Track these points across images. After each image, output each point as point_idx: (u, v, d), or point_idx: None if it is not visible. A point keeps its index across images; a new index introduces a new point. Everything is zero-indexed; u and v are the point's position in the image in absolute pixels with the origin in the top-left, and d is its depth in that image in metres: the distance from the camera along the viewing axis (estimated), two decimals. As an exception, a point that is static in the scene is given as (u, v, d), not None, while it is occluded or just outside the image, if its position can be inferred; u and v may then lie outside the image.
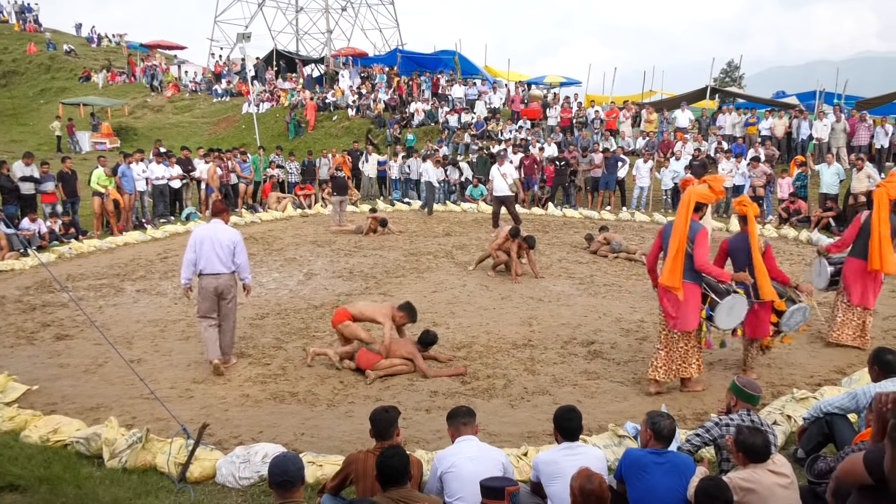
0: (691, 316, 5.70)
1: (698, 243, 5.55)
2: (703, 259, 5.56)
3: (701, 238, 5.57)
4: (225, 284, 6.56)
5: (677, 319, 5.70)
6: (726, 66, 43.97)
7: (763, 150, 16.28)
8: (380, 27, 49.76)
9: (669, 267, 5.58)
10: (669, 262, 5.59)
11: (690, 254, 5.57)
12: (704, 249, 5.57)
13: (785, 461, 3.59)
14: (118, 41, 45.26)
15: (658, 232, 6.08)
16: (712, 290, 5.77)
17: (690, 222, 5.59)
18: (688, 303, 5.64)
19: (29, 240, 11.64)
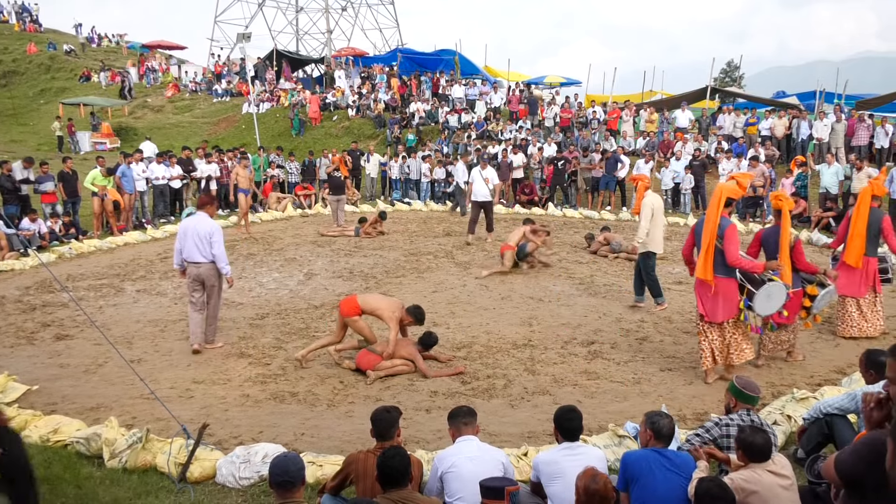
0: (722, 309, 5.93)
1: (728, 239, 5.76)
2: (734, 254, 5.78)
3: (730, 234, 5.78)
4: (206, 273, 7.10)
5: (707, 311, 5.97)
6: (726, 66, 43.97)
7: (763, 150, 16.28)
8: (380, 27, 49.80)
9: (702, 261, 5.89)
10: (702, 257, 5.90)
11: (721, 249, 5.79)
12: (735, 245, 5.79)
13: (785, 461, 3.59)
14: (118, 41, 45.26)
15: (692, 228, 6.40)
16: (748, 281, 5.98)
17: (721, 218, 5.84)
18: (722, 296, 5.90)
19: (29, 240, 11.64)
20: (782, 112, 19.00)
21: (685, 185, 15.98)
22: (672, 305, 8.66)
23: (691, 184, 15.88)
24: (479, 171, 12.68)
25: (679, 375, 6.42)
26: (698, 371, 6.49)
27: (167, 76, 36.75)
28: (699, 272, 5.92)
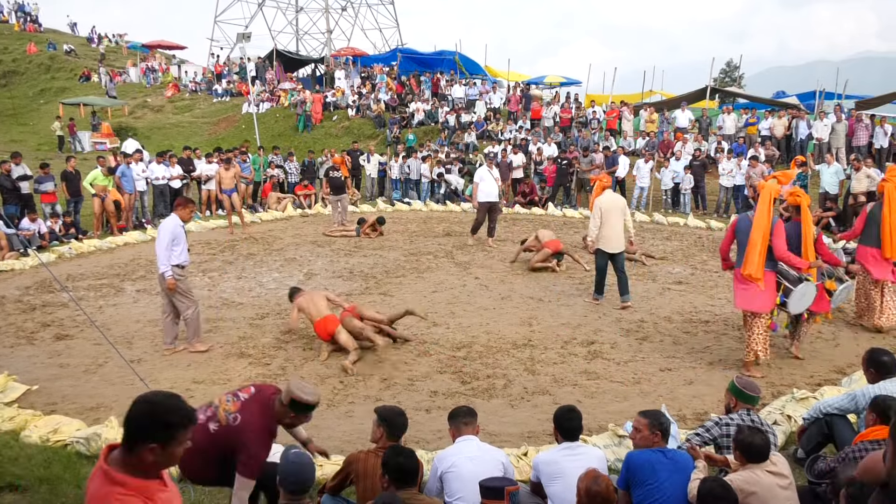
0: (760, 299, 6.14)
1: (777, 235, 6.06)
2: (783, 249, 6.06)
3: (779, 230, 6.07)
4: (159, 276, 7.05)
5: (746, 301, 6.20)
6: (726, 66, 43.96)
7: (763, 150, 16.29)
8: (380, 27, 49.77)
9: (754, 260, 6.06)
10: (753, 255, 6.05)
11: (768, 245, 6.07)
12: (783, 240, 6.06)
13: (784, 461, 3.59)
14: (118, 41, 45.26)
15: (731, 224, 6.58)
16: (784, 279, 6.22)
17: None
18: (764, 288, 6.10)
19: (29, 240, 11.64)
20: (782, 112, 19.01)
21: (685, 185, 15.99)
22: (672, 305, 8.67)
23: (691, 184, 15.89)
24: (487, 171, 12.23)
25: (679, 375, 6.42)
26: (698, 371, 6.50)
27: (167, 76, 36.74)
28: (751, 269, 6.07)
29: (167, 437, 2.11)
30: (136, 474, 2.11)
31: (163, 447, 2.11)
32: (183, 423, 2.15)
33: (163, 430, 2.10)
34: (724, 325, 7.89)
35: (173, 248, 6.90)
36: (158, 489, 2.16)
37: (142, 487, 2.10)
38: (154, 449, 2.10)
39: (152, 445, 2.09)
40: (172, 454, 2.15)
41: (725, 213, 15.38)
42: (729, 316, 8.18)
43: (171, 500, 2.23)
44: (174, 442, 2.13)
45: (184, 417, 2.16)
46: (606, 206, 8.55)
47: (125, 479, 2.08)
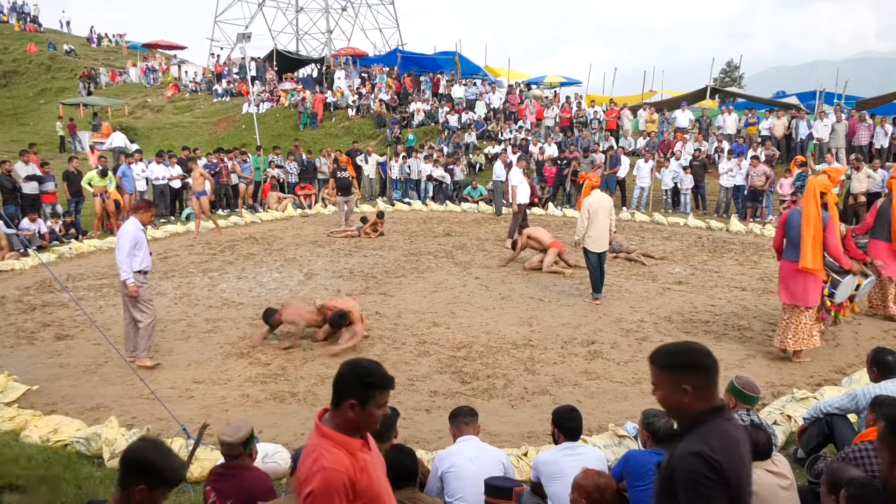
0: (810, 293, 6.33)
1: (830, 231, 6.24)
2: (836, 245, 6.28)
3: (832, 227, 6.25)
4: (118, 281, 6.85)
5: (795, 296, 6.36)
6: (726, 66, 43.95)
7: (763, 150, 16.28)
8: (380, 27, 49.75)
9: (811, 253, 6.19)
10: (809, 249, 6.19)
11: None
12: (836, 236, 6.28)
13: (785, 461, 3.59)
14: (118, 41, 45.25)
15: (781, 219, 6.71)
16: (831, 270, 6.48)
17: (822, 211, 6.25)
18: (813, 283, 6.31)
19: (29, 240, 11.64)
20: (781, 112, 19.00)
21: (685, 185, 15.98)
22: (672, 305, 8.67)
23: (691, 184, 15.89)
24: (519, 172, 12.50)
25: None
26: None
27: (167, 76, 36.73)
28: (811, 263, 6.19)
29: (365, 395, 2.31)
30: (341, 431, 2.33)
31: (361, 405, 2.31)
32: (379, 385, 2.35)
33: (362, 389, 2.31)
34: (725, 325, 7.89)
35: (135, 254, 6.63)
36: (361, 448, 2.37)
37: (345, 442, 2.32)
38: (354, 405, 2.31)
39: (352, 402, 2.30)
40: (371, 415, 2.33)
41: (725, 214, 15.37)
42: (729, 316, 8.19)
43: (373, 462, 2.41)
44: (371, 402, 2.32)
45: (381, 379, 2.36)
46: (595, 205, 8.65)
47: (332, 434, 2.33)
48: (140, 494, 2.39)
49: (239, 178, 16.74)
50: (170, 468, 2.44)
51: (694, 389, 2.19)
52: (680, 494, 2.13)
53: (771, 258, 11.27)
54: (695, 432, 2.17)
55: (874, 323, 7.82)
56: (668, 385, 2.24)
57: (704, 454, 2.09)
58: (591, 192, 8.96)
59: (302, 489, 2.28)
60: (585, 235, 8.67)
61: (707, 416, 2.20)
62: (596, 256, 8.72)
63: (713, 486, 2.08)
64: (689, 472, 2.11)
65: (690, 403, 2.20)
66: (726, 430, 2.20)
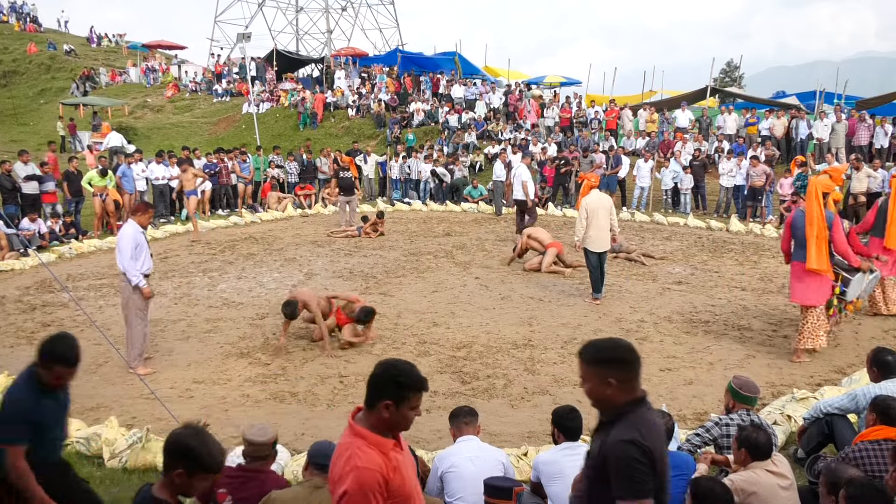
0: (816, 293, 6.37)
1: (836, 230, 6.28)
2: (843, 243, 6.33)
3: (837, 225, 6.30)
4: (119, 285, 6.77)
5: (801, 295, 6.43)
6: (726, 66, 43.96)
7: (763, 150, 16.28)
8: (380, 27, 49.73)
9: (815, 253, 6.25)
10: (814, 249, 6.24)
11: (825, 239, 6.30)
12: (842, 234, 6.34)
13: (785, 461, 3.59)
14: (118, 41, 45.24)
15: (787, 221, 6.77)
16: (840, 269, 6.53)
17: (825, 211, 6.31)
18: (819, 282, 6.35)
19: (29, 240, 11.64)
20: (781, 112, 19.00)
21: (685, 185, 15.98)
22: (672, 305, 8.67)
23: (691, 184, 15.88)
24: (526, 169, 12.89)
25: (679, 375, 6.42)
26: (698, 371, 6.50)
27: (167, 76, 36.72)
28: (818, 263, 6.24)
29: (399, 396, 2.35)
30: (375, 430, 2.36)
31: (396, 406, 2.34)
32: (413, 387, 2.38)
33: (396, 389, 2.35)
34: (724, 325, 7.89)
35: (137, 257, 6.49)
36: (393, 448, 2.39)
37: (379, 442, 2.35)
38: (389, 406, 2.34)
39: (387, 402, 2.34)
40: (404, 416, 2.37)
41: (725, 214, 15.37)
42: (729, 316, 8.19)
43: (405, 462, 2.43)
44: (405, 402, 2.36)
45: (415, 381, 2.40)
46: (593, 206, 8.65)
47: (365, 433, 2.36)
48: (179, 478, 2.46)
49: (238, 178, 16.75)
50: (208, 455, 2.49)
51: (618, 382, 2.35)
52: (613, 479, 2.27)
53: (771, 258, 11.28)
54: (622, 422, 2.33)
55: (874, 323, 7.83)
56: (595, 379, 2.42)
57: (636, 441, 2.25)
58: (589, 193, 8.97)
59: (335, 489, 2.31)
60: (585, 236, 8.66)
61: (632, 407, 2.36)
62: (596, 256, 8.72)
63: (644, 470, 2.24)
64: (622, 458, 2.25)
65: (614, 395, 2.36)
66: (650, 419, 2.38)
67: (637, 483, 2.24)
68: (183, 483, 2.48)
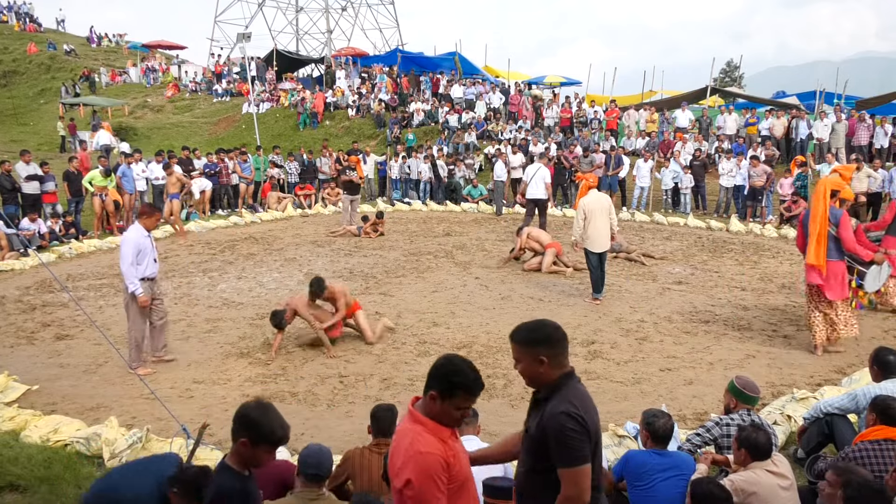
0: (838, 288, 6.54)
1: (843, 227, 6.40)
2: (851, 240, 6.46)
3: (845, 222, 6.43)
4: (121, 286, 6.72)
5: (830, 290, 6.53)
6: (726, 66, 43.98)
7: (763, 150, 16.28)
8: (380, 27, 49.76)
9: (814, 249, 6.44)
10: (814, 245, 6.44)
11: (834, 236, 6.44)
12: (850, 232, 6.48)
13: (785, 461, 3.59)
14: (118, 41, 45.25)
15: (799, 220, 6.99)
16: (856, 262, 6.72)
17: (830, 208, 6.43)
18: (832, 277, 6.51)
19: (29, 240, 11.64)
20: (780, 112, 19.00)
21: (685, 185, 15.98)
22: (672, 305, 8.67)
23: (691, 183, 15.88)
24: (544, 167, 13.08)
25: (679, 375, 6.42)
26: (698, 371, 6.50)
27: (167, 76, 36.73)
28: (812, 258, 6.46)
29: (447, 392, 2.38)
30: (431, 418, 2.41)
31: (441, 399, 2.38)
32: (464, 387, 2.39)
33: (446, 384, 2.38)
34: (724, 325, 7.89)
35: (139, 262, 6.42)
36: (451, 436, 2.44)
37: (437, 429, 2.40)
38: (434, 397, 2.39)
39: (433, 393, 2.39)
40: (448, 412, 2.40)
41: (725, 214, 15.37)
42: (729, 316, 8.19)
43: (461, 453, 2.51)
44: (451, 400, 2.38)
45: (468, 383, 2.40)
46: (591, 206, 8.64)
47: (424, 420, 2.41)
48: (243, 447, 2.62)
49: (239, 178, 16.75)
50: (268, 426, 2.63)
51: (549, 359, 2.52)
52: (553, 450, 2.44)
53: (771, 258, 11.29)
54: (556, 396, 2.50)
55: (874, 323, 7.82)
56: (528, 358, 2.54)
57: (572, 413, 2.44)
58: (587, 193, 8.96)
59: (398, 476, 2.34)
60: (584, 236, 8.66)
61: (563, 381, 2.55)
62: (597, 256, 8.72)
63: (581, 438, 2.43)
64: (560, 429, 2.42)
65: (547, 372, 2.53)
66: (581, 391, 2.57)
67: (576, 451, 2.42)
68: (248, 452, 2.61)
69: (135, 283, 6.39)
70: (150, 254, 6.56)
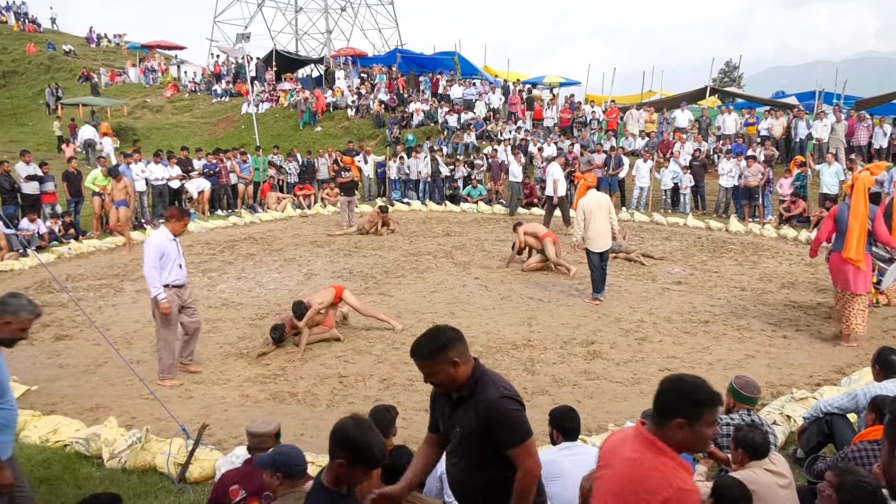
0: (864, 281, 6.87)
1: (878, 222, 6.82)
2: (886, 234, 6.87)
3: (879, 218, 6.82)
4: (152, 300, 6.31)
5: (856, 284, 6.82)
6: (725, 66, 43.98)
7: (762, 150, 16.28)
8: (379, 27, 49.74)
9: (855, 245, 6.73)
10: (854, 241, 6.73)
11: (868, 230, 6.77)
12: (883, 225, 6.86)
13: (783, 460, 3.60)
14: (118, 41, 45.22)
15: (830, 214, 7.16)
16: (877, 259, 7.19)
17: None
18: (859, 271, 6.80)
19: (28, 240, 11.64)
20: (780, 112, 18.99)
21: (684, 185, 15.97)
22: (671, 305, 8.67)
23: (691, 183, 15.88)
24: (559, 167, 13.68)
25: (678, 375, 6.41)
26: (697, 371, 6.50)
27: (166, 76, 36.72)
28: (853, 254, 6.73)
29: (693, 414, 2.17)
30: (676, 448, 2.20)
31: (690, 424, 2.16)
32: (708, 402, 2.18)
33: (689, 407, 2.17)
34: (724, 325, 7.89)
35: (162, 266, 6.17)
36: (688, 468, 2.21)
37: (683, 464, 2.19)
38: (682, 425, 2.17)
39: (679, 421, 2.16)
40: (701, 435, 2.18)
41: (725, 214, 15.36)
42: (728, 316, 8.19)
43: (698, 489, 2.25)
44: (700, 421, 2.17)
45: (708, 396, 2.19)
46: (590, 206, 8.65)
47: (671, 453, 2.18)
48: (339, 468, 2.50)
49: (238, 178, 16.75)
50: (367, 448, 2.48)
51: (460, 358, 2.58)
52: (500, 434, 2.51)
53: (770, 258, 11.29)
54: (481, 386, 2.59)
55: (874, 323, 7.80)
56: (442, 367, 2.56)
57: (506, 395, 2.56)
58: (586, 193, 8.98)
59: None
60: (584, 236, 8.67)
61: (478, 372, 2.63)
62: (597, 256, 8.72)
63: (523, 414, 2.56)
64: (505, 413, 2.52)
65: (463, 371, 2.59)
66: (496, 373, 2.70)
67: (523, 426, 2.54)
68: (344, 473, 2.51)
69: (157, 287, 6.13)
70: (174, 259, 6.27)
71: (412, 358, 2.60)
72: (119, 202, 12.65)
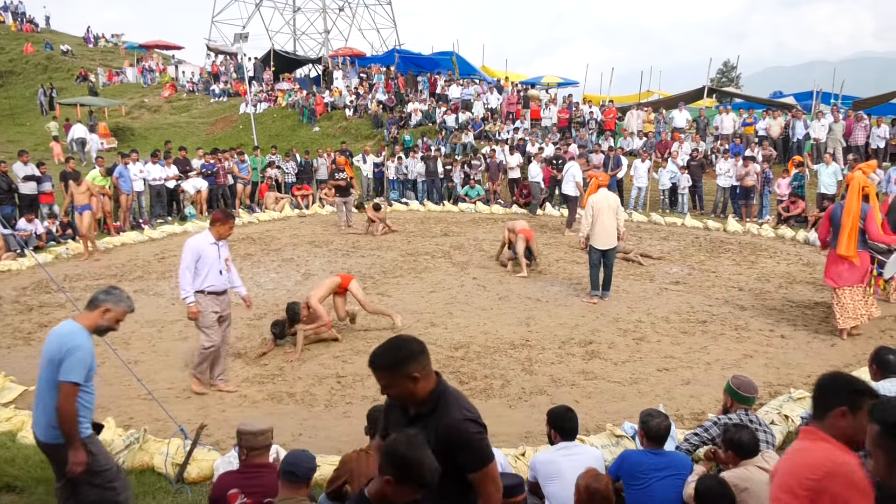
0: (850, 274, 7.10)
1: (870, 220, 7.03)
2: (877, 232, 7.10)
3: (871, 216, 7.04)
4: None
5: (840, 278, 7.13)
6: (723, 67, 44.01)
7: (760, 150, 16.30)
8: (377, 27, 49.79)
9: (846, 242, 7.01)
10: (845, 238, 7.00)
11: (861, 228, 7.03)
12: (876, 224, 7.10)
13: (775, 457, 3.60)
14: (115, 41, 45.16)
15: (826, 213, 7.46)
16: (876, 252, 7.42)
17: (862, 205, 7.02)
18: (850, 265, 7.08)
19: (26, 240, 11.62)
20: (777, 112, 19.01)
21: (682, 185, 15.99)
22: (669, 305, 8.68)
23: (689, 183, 15.89)
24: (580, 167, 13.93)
25: (676, 375, 6.42)
26: (696, 371, 6.51)
27: (164, 76, 36.67)
28: (845, 250, 7.01)
29: (855, 402, 2.21)
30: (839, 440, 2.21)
31: (853, 411, 2.20)
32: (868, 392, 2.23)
33: (851, 395, 2.22)
34: (722, 325, 7.90)
35: (198, 270, 5.91)
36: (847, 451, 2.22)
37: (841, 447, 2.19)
38: (845, 413, 2.20)
39: (843, 409, 2.20)
40: (862, 424, 2.18)
41: (723, 214, 15.37)
42: (726, 316, 8.20)
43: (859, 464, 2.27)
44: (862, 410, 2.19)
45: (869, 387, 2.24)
46: (598, 204, 8.74)
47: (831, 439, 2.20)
48: (387, 485, 2.43)
49: (236, 178, 16.73)
50: (418, 467, 2.41)
51: (420, 373, 2.45)
52: (462, 458, 2.43)
53: (768, 258, 11.30)
54: (442, 405, 2.48)
55: (872, 322, 7.81)
56: (400, 381, 2.45)
57: (469, 417, 2.46)
58: (597, 191, 9.06)
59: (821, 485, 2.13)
60: (590, 233, 8.74)
61: (440, 388, 2.51)
62: (598, 254, 8.75)
63: (485, 437, 2.49)
64: (467, 436, 2.43)
65: (424, 386, 2.47)
66: (458, 392, 2.57)
67: (486, 450, 2.47)
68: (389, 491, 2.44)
69: (186, 289, 5.89)
70: (213, 264, 5.99)
71: (370, 367, 2.48)
72: (82, 207, 11.89)
